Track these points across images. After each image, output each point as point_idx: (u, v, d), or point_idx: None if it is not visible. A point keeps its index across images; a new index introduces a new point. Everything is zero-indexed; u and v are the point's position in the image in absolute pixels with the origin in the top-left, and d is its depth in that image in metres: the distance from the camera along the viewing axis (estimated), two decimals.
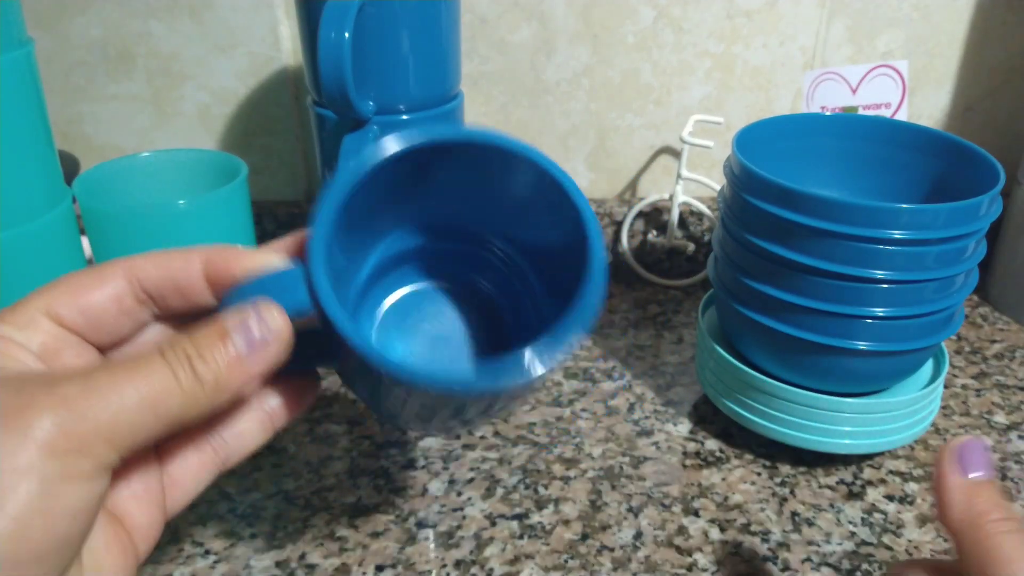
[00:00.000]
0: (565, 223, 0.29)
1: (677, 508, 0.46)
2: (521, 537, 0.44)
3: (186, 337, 0.24)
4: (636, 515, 0.45)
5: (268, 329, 0.25)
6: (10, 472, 0.20)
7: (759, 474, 0.49)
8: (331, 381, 0.57)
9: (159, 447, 0.27)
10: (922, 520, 0.45)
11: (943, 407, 0.55)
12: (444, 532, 0.44)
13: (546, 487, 0.47)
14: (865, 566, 0.42)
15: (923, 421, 0.48)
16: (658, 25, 0.65)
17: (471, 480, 0.48)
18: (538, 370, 0.25)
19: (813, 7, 0.64)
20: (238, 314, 0.25)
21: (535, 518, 0.45)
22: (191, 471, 0.28)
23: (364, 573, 0.41)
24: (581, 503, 0.46)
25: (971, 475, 0.26)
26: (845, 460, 0.49)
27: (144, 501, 0.26)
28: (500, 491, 0.47)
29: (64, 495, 0.21)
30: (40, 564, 0.20)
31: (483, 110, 0.67)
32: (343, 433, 0.52)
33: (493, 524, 0.45)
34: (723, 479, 0.48)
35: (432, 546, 0.43)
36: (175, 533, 0.44)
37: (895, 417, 0.46)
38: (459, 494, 0.47)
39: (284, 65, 0.65)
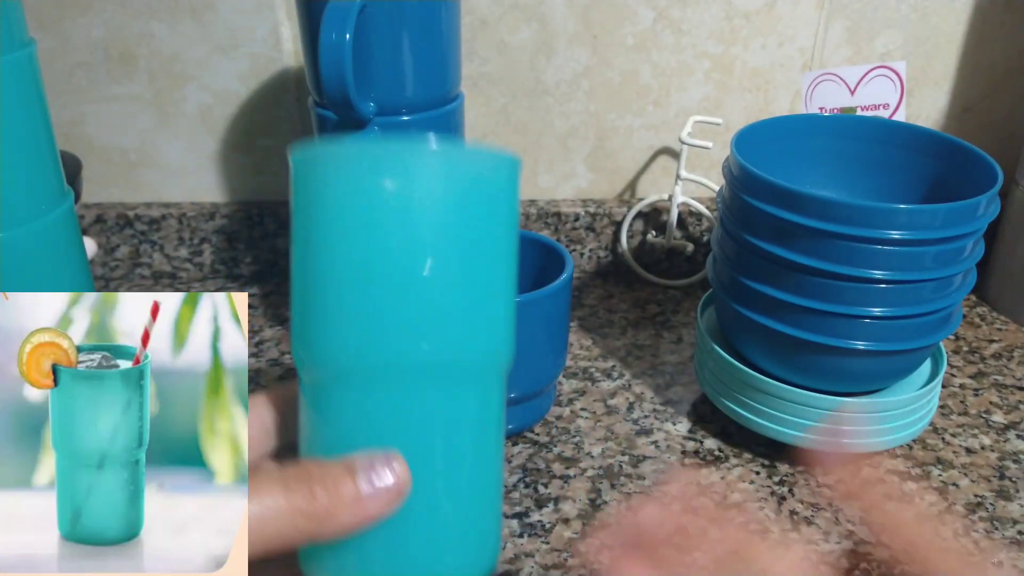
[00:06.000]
0: None
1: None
2: (521, 535, 0.44)
3: (314, 463, 0.25)
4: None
5: (394, 478, 0.25)
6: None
7: (758, 473, 0.49)
8: None
9: None
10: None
11: (941, 406, 0.55)
12: None
13: (546, 486, 0.48)
14: (864, 565, 0.42)
15: (921, 420, 0.48)
16: (657, 26, 0.65)
17: None
18: None
19: (811, 8, 0.65)
20: (368, 457, 0.25)
21: (535, 516, 0.45)
22: None
23: None
24: (581, 502, 0.46)
25: None
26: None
27: None
28: None
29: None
30: None
31: (483, 111, 0.67)
32: None
33: None
34: (722, 478, 0.48)
35: None
36: None
37: (893, 416, 0.46)
38: None
39: (285, 66, 0.65)
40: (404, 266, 0.24)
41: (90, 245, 0.60)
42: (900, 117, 0.59)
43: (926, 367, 0.51)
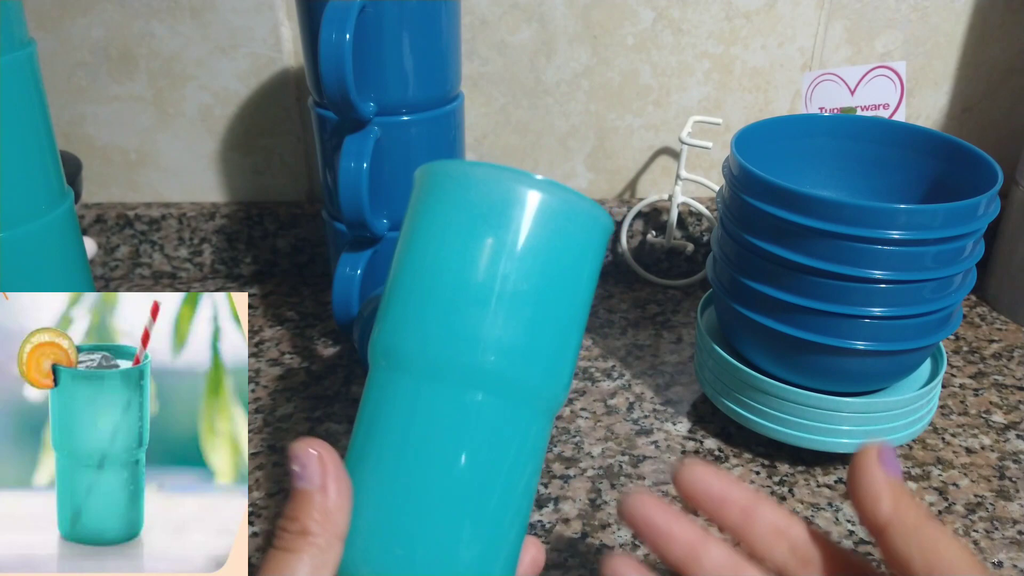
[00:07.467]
0: None
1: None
2: None
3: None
4: None
5: (310, 450, 0.27)
6: None
7: (758, 473, 0.49)
8: (331, 380, 0.57)
9: None
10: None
11: (941, 406, 0.55)
12: None
13: (546, 486, 0.48)
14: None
15: (921, 420, 0.48)
16: (657, 26, 0.65)
17: None
18: None
19: (812, 8, 0.65)
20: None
21: (535, 517, 0.45)
22: None
23: None
24: (581, 502, 0.46)
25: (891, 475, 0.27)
26: (843, 459, 0.50)
27: None
28: None
29: None
30: None
31: (483, 111, 0.67)
32: (344, 432, 0.52)
33: None
34: None
35: None
36: None
37: (893, 416, 0.46)
38: None
39: (286, 66, 0.65)
40: (491, 286, 0.26)
41: (90, 245, 0.60)
42: (900, 117, 0.59)
43: (926, 367, 0.51)
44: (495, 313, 0.26)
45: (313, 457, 0.26)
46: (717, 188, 0.66)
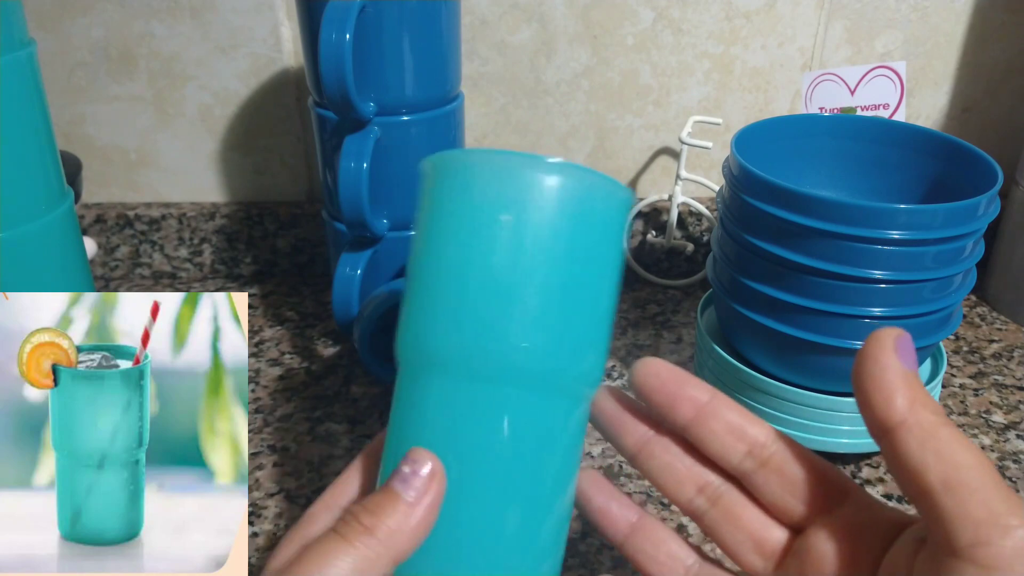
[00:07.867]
0: None
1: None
2: None
3: (355, 503, 0.25)
4: None
5: (421, 467, 0.25)
6: None
7: None
8: (331, 380, 0.57)
9: None
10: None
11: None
12: None
13: None
14: None
15: None
16: (657, 26, 0.65)
17: None
18: None
19: (811, 8, 0.65)
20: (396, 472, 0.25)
21: None
22: None
23: None
24: None
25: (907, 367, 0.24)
26: (843, 459, 0.50)
27: None
28: None
29: None
30: None
31: (483, 111, 0.67)
32: (344, 432, 0.52)
33: None
34: None
35: None
36: None
37: None
38: None
39: (286, 66, 0.65)
40: (513, 277, 0.25)
41: (90, 245, 0.60)
42: (900, 117, 0.59)
43: (926, 367, 0.51)
44: (524, 303, 0.25)
45: (426, 471, 0.24)
46: (717, 188, 0.66)
